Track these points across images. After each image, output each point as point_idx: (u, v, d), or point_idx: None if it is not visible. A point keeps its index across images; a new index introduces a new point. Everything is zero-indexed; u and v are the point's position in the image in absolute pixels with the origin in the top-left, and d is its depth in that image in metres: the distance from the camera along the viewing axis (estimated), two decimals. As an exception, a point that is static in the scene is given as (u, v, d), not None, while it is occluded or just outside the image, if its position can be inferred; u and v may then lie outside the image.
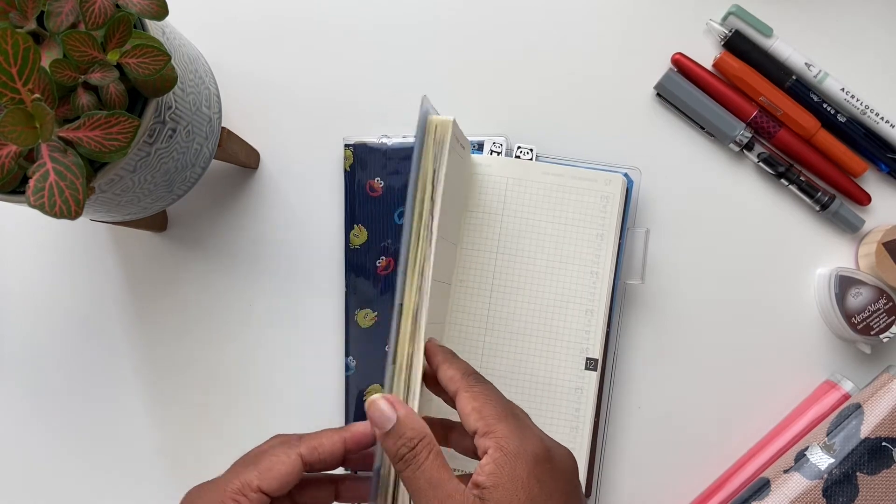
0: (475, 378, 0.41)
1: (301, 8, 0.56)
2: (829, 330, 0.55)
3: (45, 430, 0.56)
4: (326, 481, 0.43)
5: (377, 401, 0.38)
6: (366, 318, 0.54)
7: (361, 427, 0.41)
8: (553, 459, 0.38)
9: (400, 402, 0.39)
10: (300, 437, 0.41)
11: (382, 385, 0.42)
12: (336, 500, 0.44)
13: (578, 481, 0.40)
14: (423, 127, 0.44)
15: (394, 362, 0.42)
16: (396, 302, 0.42)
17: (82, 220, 0.55)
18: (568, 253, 0.52)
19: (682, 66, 0.55)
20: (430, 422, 0.42)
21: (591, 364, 0.52)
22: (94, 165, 0.38)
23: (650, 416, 0.54)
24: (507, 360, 0.52)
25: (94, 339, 0.56)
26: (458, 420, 0.41)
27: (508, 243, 0.53)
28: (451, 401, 0.41)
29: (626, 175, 0.53)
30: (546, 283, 0.52)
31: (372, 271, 0.54)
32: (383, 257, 0.54)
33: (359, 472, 0.48)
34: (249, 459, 0.40)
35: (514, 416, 0.39)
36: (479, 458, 0.39)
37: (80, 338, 0.56)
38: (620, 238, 0.52)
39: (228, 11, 0.57)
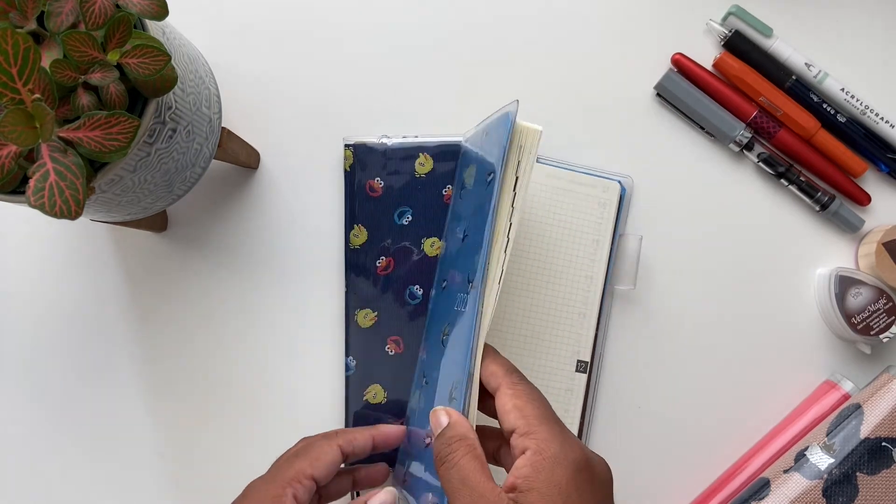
0: (518, 376, 0.41)
1: (301, 8, 0.56)
2: (829, 330, 0.55)
3: (45, 430, 0.56)
4: (344, 472, 0.48)
5: (437, 411, 0.40)
6: (366, 318, 0.54)
7: (387, 429, 0.47)
8: (593, 469, 0.38)
9: (453, 411, 0.40)
10: (336, 432, 0.45)
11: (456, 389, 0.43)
12: (354, 487, 0.49)
13: (613, 494, 0.39)
14: (510, 133, 0.43)
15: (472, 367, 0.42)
16: (478, 309, 0.42)
17: (82, 220, 0.55)
18: (566, 256, 0.53)
19: (682, 66, 0.55)
20: None
21: (581, 366, 0.52)
22: (94, 165, 0.38)
23: (650, 416, 0.54)
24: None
25: (94, 338, 0.56)
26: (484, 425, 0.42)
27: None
28: (486, 406, 0.42)
29: (619, 182, 0.53)
30: (543, 285, 0.53)
31: (372, 271, 0.54)
32: (383, 257, 0.54)
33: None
34: (294, 454, 0.44)
35: (556, 420, 0.39)
36: (500, 462, 0.40)
37: (80, 338, 0.56)
38: (612, 244, 0.53)
39: (228, 11, 0.57)
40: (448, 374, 0.45)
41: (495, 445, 0.41)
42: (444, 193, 0.53)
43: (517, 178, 0.43)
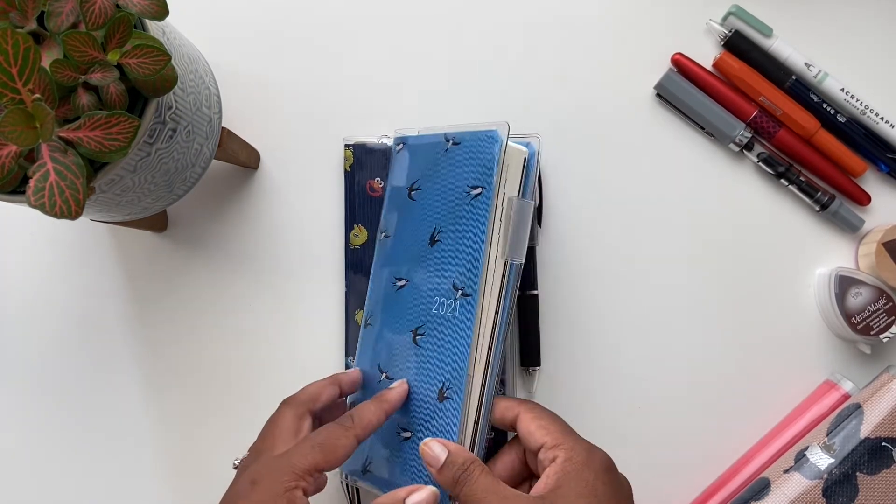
0: (533, 403, 0.45)
1: (301, 9, 0.57)
2: (829, 330, 0.55)
3: (45, 428, 0.56)
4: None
5: (429, 444, 0.42)
6: (366, 318, 0.54)
7: (390, 394, 0.46)
8: (617, 474, 0.42)
9: (448, 441, 0.43)
10: (352, 420, 0.43)
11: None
12: None
13: (633, 500, 0.43)
14: (500, 155, 0.45)
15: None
16: (477, 317, 0.45)
17: (82, 220, 0.55)
18: None
19: (682, 66, 0.55)
20: None
21: None
22: (94, 165, 0.38)
23: (650, 416, 0.54)
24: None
25: (94, 338, 0.56)
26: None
27: None
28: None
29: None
30: None
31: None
32: (383, 257, 0.54)
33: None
34: (314, 445, 0.41)
35: (577, 434, 0.43)
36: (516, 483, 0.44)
37: (79, 338, 0.56)
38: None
39: (229, 12, 0.57)
40: (433, 376, 0.46)
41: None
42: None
43: (504, 195, 0.46)
